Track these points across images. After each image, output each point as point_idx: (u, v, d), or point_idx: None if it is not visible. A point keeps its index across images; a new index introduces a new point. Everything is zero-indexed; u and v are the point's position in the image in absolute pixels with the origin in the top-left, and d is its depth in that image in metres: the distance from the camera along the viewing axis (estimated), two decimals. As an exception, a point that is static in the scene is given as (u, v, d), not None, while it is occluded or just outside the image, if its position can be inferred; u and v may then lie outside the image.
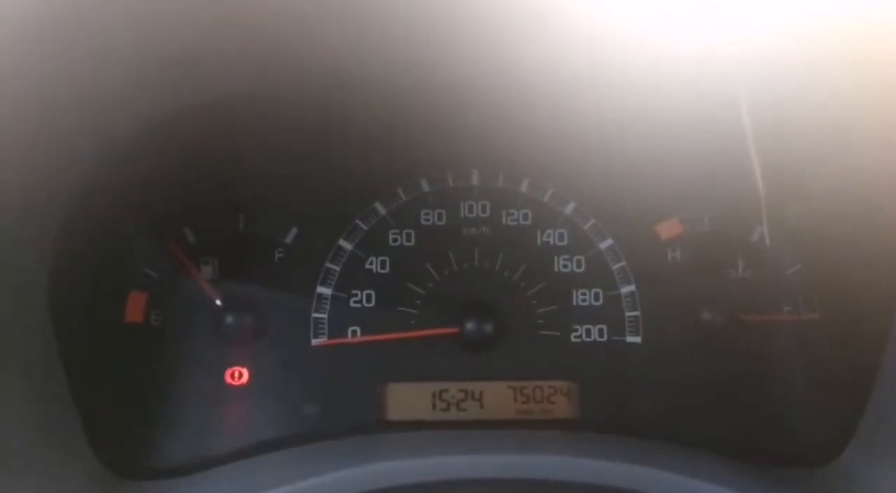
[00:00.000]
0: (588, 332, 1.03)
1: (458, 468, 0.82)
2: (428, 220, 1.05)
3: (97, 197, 0.87)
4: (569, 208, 1.06)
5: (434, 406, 1.01)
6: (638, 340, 1.03)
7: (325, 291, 1.02)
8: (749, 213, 1.02)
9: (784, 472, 0.91)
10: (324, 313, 1.02)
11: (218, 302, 1.00)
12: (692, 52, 0.76)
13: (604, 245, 1.05)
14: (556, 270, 1.04)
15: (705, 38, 0.71)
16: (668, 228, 1.05)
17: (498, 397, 1.01)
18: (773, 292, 1.03)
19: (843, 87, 0.77)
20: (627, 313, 1.03)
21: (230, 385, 1.00)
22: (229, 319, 1.00)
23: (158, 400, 0.98)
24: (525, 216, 1.06)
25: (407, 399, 1.01)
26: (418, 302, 1.03)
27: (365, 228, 1.04)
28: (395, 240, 1.04)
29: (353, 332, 1.02)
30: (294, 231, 1.03)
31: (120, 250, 0.99)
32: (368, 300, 1.03)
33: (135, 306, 1.00)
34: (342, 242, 1.03)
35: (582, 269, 1.04)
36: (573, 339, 1.03)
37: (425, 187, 1.06)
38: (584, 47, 0.76)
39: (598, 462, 0.82)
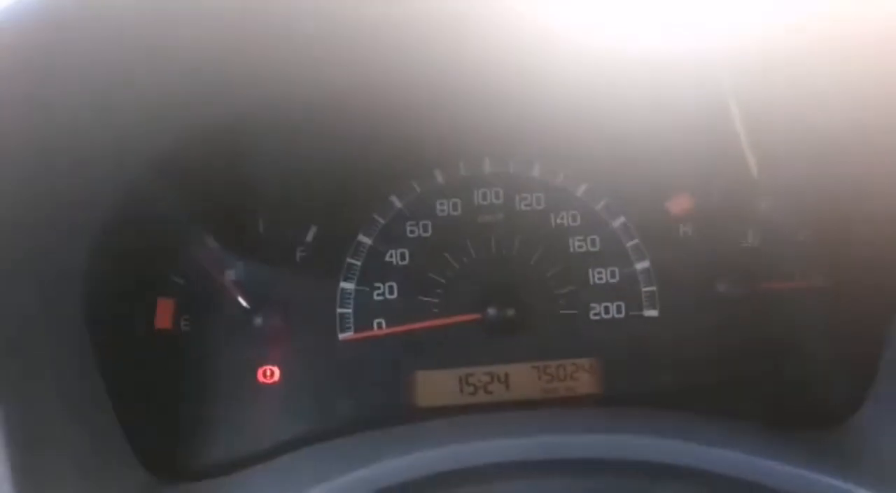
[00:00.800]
0: (606, 309, 1.06)
1: (494, 452, 0.84)
2: (443, 210, 1.07)
3: (127, 209, 0.89)
4: (581, 190, 1.08)
5: (462, 390, 1.04)
6: (655, 314, 1.05)
7: (348, 286, 1.04)
8: (756, 183, 1.04)
9: (801, 433, 0.95)
10: (349, 307, 1.04)
11: (245, 304, 1.03)
12: (697, 33, 0.78)
13: (617, 223, 1.07)
14: (571, 250, 1.07)
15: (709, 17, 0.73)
16: (678, 204, 1.07)
17: (523, 377, 1.04)
18: (785, 261, 1.06)
19: (843, 57, 0.79)
20: (644, 289, 1.06)
21: (263, 384, 1.02)
22: (257, 319, 1.02)
23: (194, 403, 1.01)
24: (538, 200, 1.08)
25: (435, 386, 1.03)
26: (439, 291, 1.05)
27: (382, 221, 1.06)
28: (412, 232, 1.06)
29: (379, 324, 1.04)
30: (313, 230, 1.05)
31: (147, 259, 1.00)
32: (391, 292, 1.05)
33: (164, 313, 1.02)
34: (361, 237, 1.05)
35: (597, 248, 1.07)
36: (592, 317, 1.05)
37: (439, 178, 1.07)
38: (589, 28, 0.77)
39: (625, 437, 0.84)
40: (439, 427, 0.95)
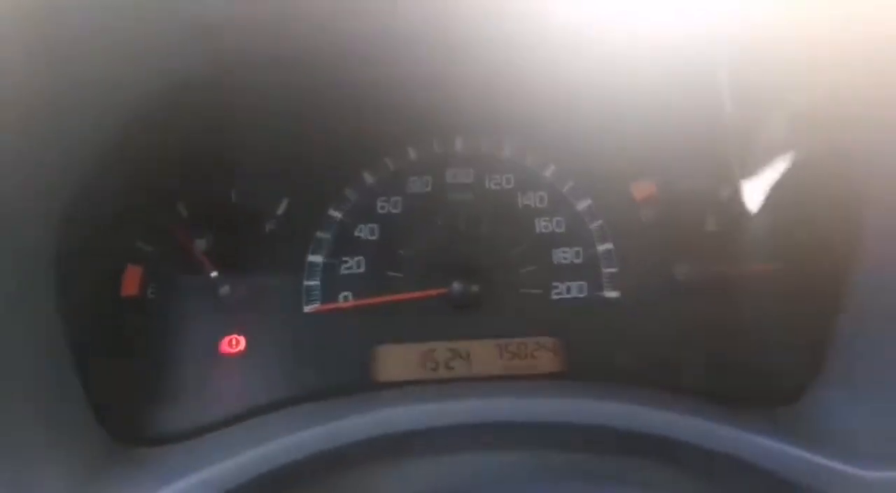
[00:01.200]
0: (569, 289, 1.08)
1: (449, 414, 0.86)
2: (414, 186, 1.09)
3: (95, 176, 0.89)
4: (549, 171, 1.10)
5: (424, 366, 1.05)
6: (616, 295, 1.08)
7: (316, 259, 1.06)
8: (717, 171, 1.08)
9: (758, 408, 0.98)
10: (315, 280, 1.05)
11: (213, 273, 1.03)
12: (666, 20, 0.81)
13: (582, 205, 1.10)
14: (537, 231, 1.09)
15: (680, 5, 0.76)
16: (641, 188, 1.10)
17: (484, 354, 1.05)
18: (742, 246, 1.09)
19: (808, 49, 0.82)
20: (605, 270, 1.08)
21: (227, 353, 1.03)
22: (224, 289, 1.03)
23: (159, 370, 1.01)
24: (508, 180, 1.11)
25: (397, 360, 1.04)
26: (407, 267, 1.07)
27: (354, 197, 1.08)
28: (382, 208, 1.08)
29: (345, 297, 1.06)
30: (285, 202, 1.06)
31: (115, 225, 1.01)
32: (359, 266, 1.06)
33: (131, 280, 1.02)
34: (331, 212, 1.07)
35: (562, 229, 1.10)
36: (554, 296, 1.08)
37: (411, 155, 1.10)
38: (561, 14, 0.80)
39: (583, 401, 0.87)
40: (396, 394, 0.96)
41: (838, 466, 0.83)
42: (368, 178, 1.08)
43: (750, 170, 1.06)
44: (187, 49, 0.77)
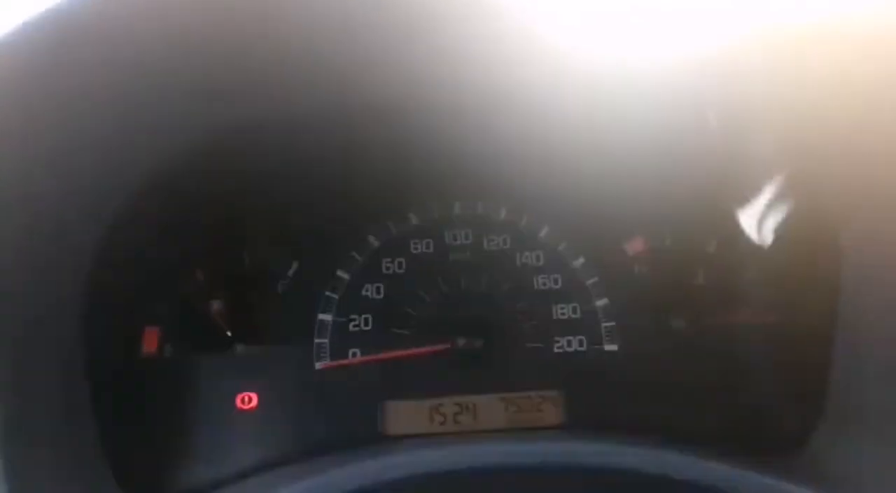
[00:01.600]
0: (569, 342, 1.12)
1: (455, 459, 0.89)
2: (417, 248, 1.15)
3: (116, 245, 0.95)
4: (543, 232, 1.17)
5: (432, 420, 1.07)
6: (615, 348, 1.12)
7: (325, 317, 1.11)
8: (705, 227, 1.14)
9: (759, 459, 0.99)
10: (325, 337, 1.10)
11: (227, 333, 1.08)
12: (655, 82, 0.87)
13: (577, 263, 1.15)
14: (535, 287, 1.14)
15: (667, 60, 0.82)
16: (633, 245, 1.16)
17: (490, 408, 1.08)
18: (733, 297, 1.13)
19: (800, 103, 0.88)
20: (604, 324, 1.13)
21: (240, 410, 1.07)
22: (238, 348, 1.08)
23: (175, 427, 1.04)
24: (504, 241, 1.17)
25: (406, 415, 1.07)
26: (412, 323, 1.11)
27: (360, 258, 1.14)
28: (387, 268, 1.14)
29: (354, 353, 1.10)
30: (295, 265, 1.13)
31: (136, 289, 1.06)
32: (366, 324, 1.11)
33: (149, 340, 1.07)
34: (339, 273, 1.13)
35: (559, 286, 1.15)
36: (556, 349, 1.12)
37: (413, 219, 1.17)
38: (550, 78, 0.87)
39: (589, 446, 0.89)
40: (407, 446, 0.99)
41: None
42: (373, 241, 1.15)
43: (736, 223, 1.12)
44: (199, 117, 0.84)
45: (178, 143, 0.88)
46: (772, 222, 1.10)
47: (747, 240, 1.13)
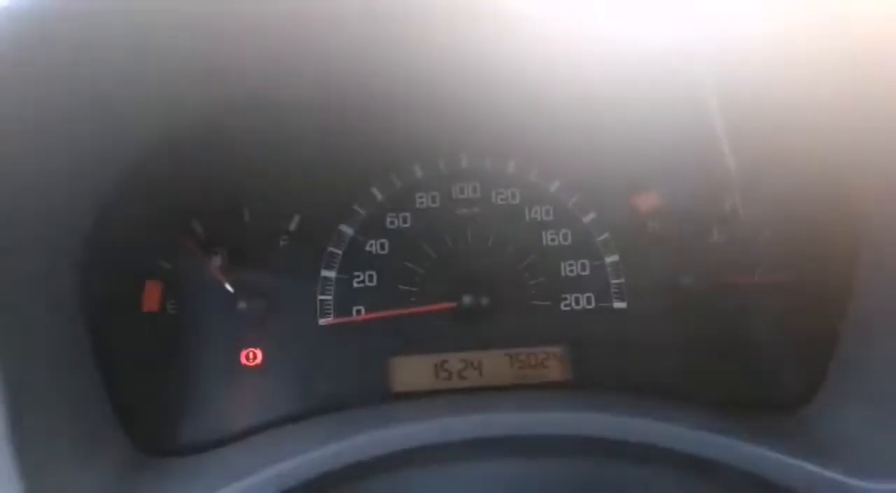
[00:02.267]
0: (577, 300, 1.10)
1: (464, 429, 0.89)
2: (423, 203, 1.12)
3: (116, 200, 0.93)
4: (554, 186, 1.13)
5: (437, 376, 1.08)
6: (623, 305, 1.10)
7: (329, 273, 1.09)
8: (721, 183, 1.10)
9: (762, 417, 0.99)
10: (329, 294, 1.08)
11: (229, 289, 1.07)
12: (667, 35, 0.82)
13: (588, 219, 1.12)
14: (544, 243, 1.12)
15: (680, 21, 0.77)
16: (646, 201, 1.12)
17: (495, 364, 1.08)
18: (746, 257, 1.11)
19: (808, 67, 0.83)
20: (612, 281, 1.11)
21: (245, 366, 1.06)
22: (241, 304, 1.06)
23: (180, 383, 1.05)
24: (513, 195, 1.13)
25: (411, 371, 1.08)
26: (417, 280, 1.09)
27: (364, 213, 1.11)
28: (392, 223, 1.11)
29: (358, 310, 1.08)
30: (297, 219, 1.09)
31: (136, 244, 1.04)
32: (370, 280, 1.09)
33: (151, 296, 1.06)
34: (343, 228, 1.10)
35: (568, 242, 1.12)
36: (563, 307, 1.10)
37: (418, 173, 1.12)
38: (562, 31, 0.82)
39: (591, 415, 0.89)
40: (412, 408, 0.99)
41: (839, 477, 0.85)
42: (377, 194, 1.11)
43: (753, 181, 1.08)
44: (199, 92, 0.80)
45: (177, 113, 0.84)
46: (789, 178, 1.06)
47: (764, 197, 1.09)
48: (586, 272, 1.11)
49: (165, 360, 1.05)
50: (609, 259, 1.11)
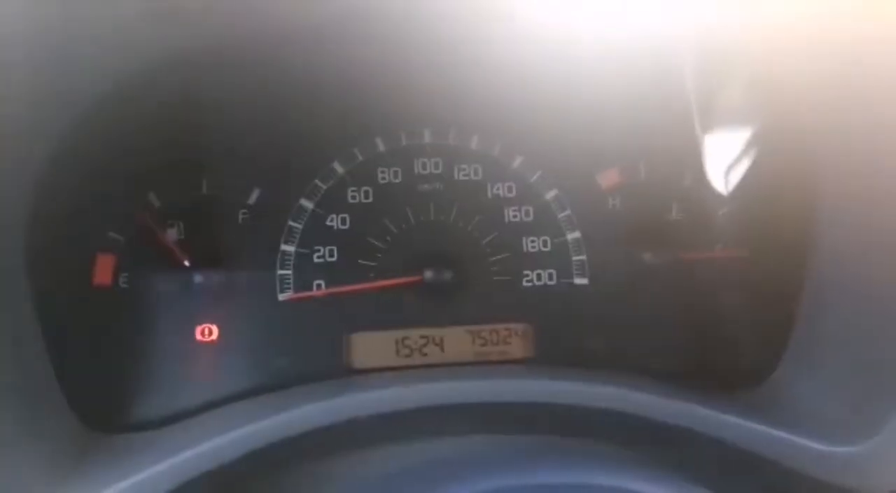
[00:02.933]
0: (539, 276, 1.10)
1: (421, 397, 0.87)
2: (384, 178, 1.11)
3: (63, 163, 0.90)
4: (516, 162, 1.12)
5: (398, 352, 1.06)
6: (585, 281, 1.10)
7: (288, 248, 1.07)
8: (681, 160, 1.11)
9: (725, 388, 1.00)
10: (288, 269, 1.06)
11: (185, 263, 1.04)
12: (630, 16, 0.83)
13: (550, 195, 1.12)
14: (506, 220, 1.11)
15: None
16: (607, 178, 1.13)
17: (457, 341, 1.07)
18: (707, 232, 1.12)
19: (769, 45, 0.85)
20: (574, 258, 1.11)
21: (201, 342, 1.04)
22: (197, 278, 1.04)
23: (132, 359, 1.02)
24: (476, 171, 1.12)
25: (371, 347, 1.06)
26: (379, 255, 1.08)
27: (324, 187, 1.09)
28: (353, 197, 1.10)
29: (318, 286, 1.07)
30: (256, 192, 1.08)
31: (87, 214, 1.01)
32: (331, 255, 1.08)
33: (103, 269, 1.03)
34: (303, 202, 1.08)
35: (530, 218, 1.12)
36: (525, 283, 1.10)
37: (380, 147, 1.11)
38: (529, 9, 0.82)
39: (553, 383, 0.88)
40: (371, 381, 0.97)
41: (804, 442, 0.85)
42: (338, 168, 1.10)
43: (712, 158, 1.09)
44: (155, 33, 0.78)
45: (128, 65, 0.81)
46: (747, 156, 1.07)
47: (723, 174, 1.10)
48: (548, 249, 1.11)
49: (117, 335, 1.02)
50: (571, 236, 1.11)
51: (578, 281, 1.10)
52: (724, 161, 1.10)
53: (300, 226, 1.08)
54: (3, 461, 0.79)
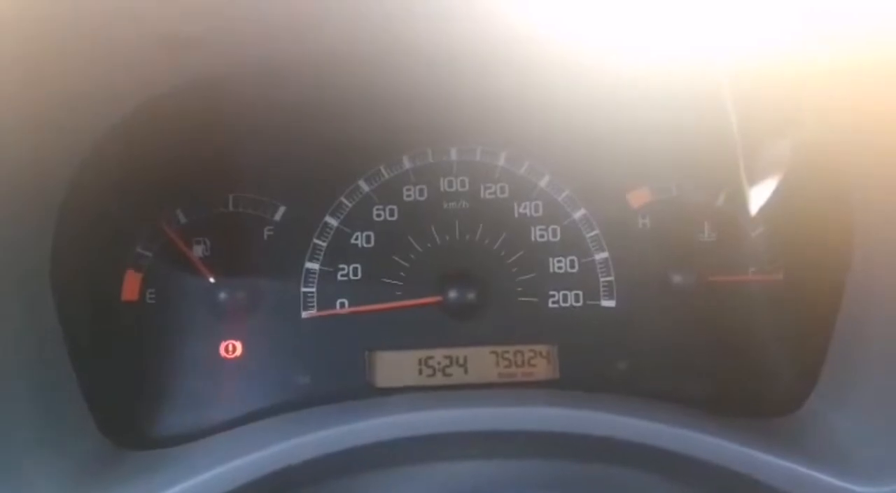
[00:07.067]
0: (565, 297, 1.08)
1: (445, 422, 0.86)
2: (410, 195, 1.10)
3: (92, 181, 0.91)
4: (544, 181, 1.11)
5: (420, 372, 1.06)
6: (612, 304, 1.08)
7: (312, 266, 1.07)
8: (714, 179, 1.08)
9: (753, 419, 0.97)
10: (312, 286, 1.06)
11: (211, 279, 1.05)
12: (664, 34, 0.81)
13: (577, 215, 1.10)
14: (532, 239, 1.09)
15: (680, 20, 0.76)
16: (638, 197, 1.10)
17: (481, 361, 1.06)
18: (739, 254, 1.09)
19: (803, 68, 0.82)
20: (602, 279, 1.08)
21: (225, 358, 1.04)
22: (222, 295, 1.05)
23: (157, 374, 1.03)
24: (502, 189, 1.11)
25: (394, 366, 1.05)
26: (403, 274, 1.07)
27: (350, 204, 1.09)
28: (378, 215, 1.09)
29: (342, 304, 1.06)
30: (282, 209, 1.08)
31: (115, 231, 1.03)
32: (355, 273, 1.07)
33: (131, 285, 1.04)
34: (328, 219, 1.08)
35: (557, 238, 1.10)
36: (551, 304, 1.08)
37: (406, 164, 1.10)
38: (556, 30, 0.81)
39: (577, 412, 0.86)
40: (395, 401, 0.96)
41: (830, 480, 0.82)
42: (364, 186, 1.09)
43: (746, 177, 1.06)
44: (182, 57, 0.78)
45: (154, 87, 0.82)
46: (782, 176, 1.04)
47: (757, 195, 1.07)
48: (575, 269, 1.09)
49: (142, 350, 1.03)
50: (598, 256, 1.09)
51: (605, 303, 1.08)
52: (758, 181, 1.06)
53: (325, 244, 1.07)
54: (26, 477, 0.80)
